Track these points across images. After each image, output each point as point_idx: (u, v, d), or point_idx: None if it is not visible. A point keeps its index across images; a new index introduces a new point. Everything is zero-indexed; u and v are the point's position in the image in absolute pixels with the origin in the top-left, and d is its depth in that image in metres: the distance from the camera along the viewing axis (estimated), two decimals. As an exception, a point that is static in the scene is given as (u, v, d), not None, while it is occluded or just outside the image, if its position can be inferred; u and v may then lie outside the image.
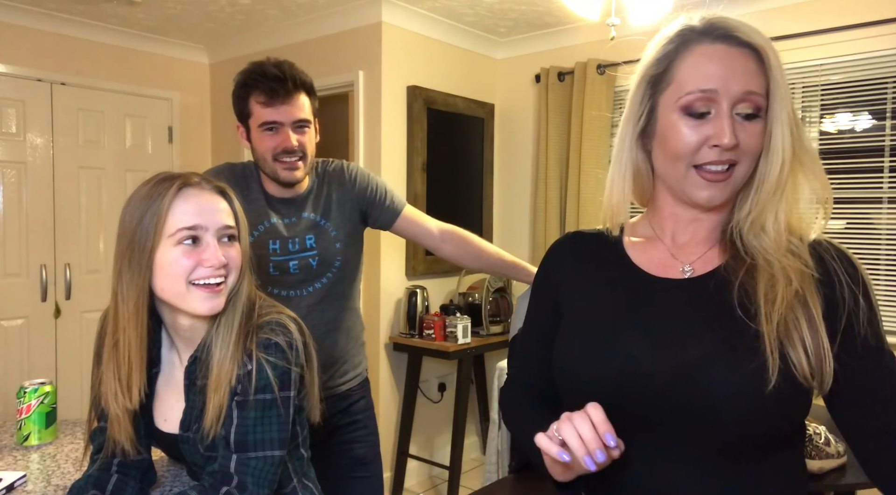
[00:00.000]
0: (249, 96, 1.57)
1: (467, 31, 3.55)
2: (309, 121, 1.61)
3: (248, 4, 3.19)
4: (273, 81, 1.54)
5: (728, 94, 0.79)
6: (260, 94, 1.55)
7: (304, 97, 1.59)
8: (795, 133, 0.81)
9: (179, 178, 1.05)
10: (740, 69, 0.79)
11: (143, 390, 1.07)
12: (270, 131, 1.57)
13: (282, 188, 1.64)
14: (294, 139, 1.56)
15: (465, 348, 3.12)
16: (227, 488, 1.00)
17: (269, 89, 1.54)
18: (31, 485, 1.25)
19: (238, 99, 1.61)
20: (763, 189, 0.83)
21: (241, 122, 1.63)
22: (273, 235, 1.63)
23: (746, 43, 0.80)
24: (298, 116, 1.57)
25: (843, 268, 0.80)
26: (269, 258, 1.61)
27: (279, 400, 1.05)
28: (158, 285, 1.03)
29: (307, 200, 1.68)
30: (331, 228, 1.68)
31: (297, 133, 1.58)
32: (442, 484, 3.42)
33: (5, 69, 3.20)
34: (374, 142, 3.25)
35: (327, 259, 1.67)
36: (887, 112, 2.66)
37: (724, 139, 0.79)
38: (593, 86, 3.29)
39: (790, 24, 2.78)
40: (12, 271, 3.25)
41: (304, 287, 1.66)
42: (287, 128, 1.56)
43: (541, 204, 3.52)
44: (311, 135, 1.62)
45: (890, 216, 2.67)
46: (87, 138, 3.50)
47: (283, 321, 1.09)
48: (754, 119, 0.80)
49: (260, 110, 1.56)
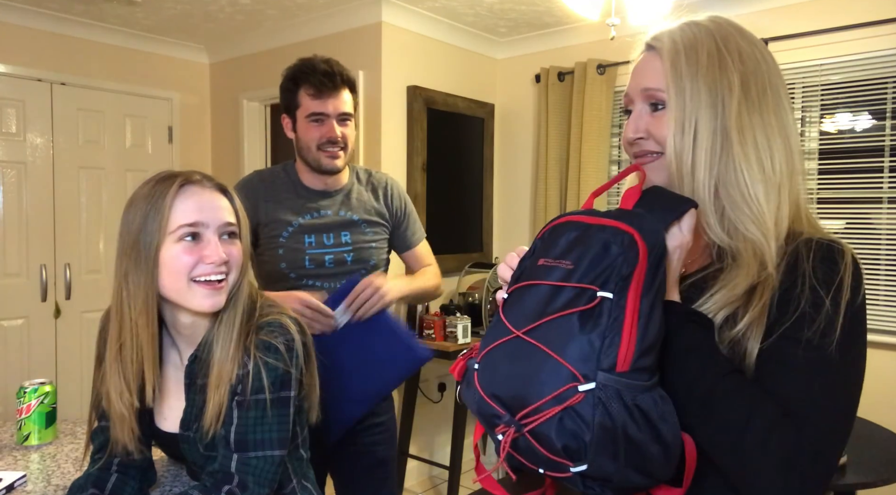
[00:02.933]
0: (299, 88, 1.68)
1: (467, 31, 3.55)
2: (351, 114, 1.72)
3: (248, 4, 3.19)
4: (323, 75, 1.65)
5: (635, 93, 0.87)
6: (310, 87, 1.66)
7: (348, 92, 1.71)
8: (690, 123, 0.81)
9: (180, 176, 1.05)
10: (646, 70, 0.86)
11: (156, 388, 1.07)
12: (317, 122, 1.67)
13: (321, 178, 1.73)
14: (338, 130, 1.68)
15: (465, 348, 3.11)
16: (228, 487, 1.00)
17: (319, 82, 1.65)
18: (31, 485, 1.25)
19: (286, 91, 1.71)
20: (673, 182, 0.84)
21: (287, 113, 1.74)
22: (307, 230, 1.71)
23: (653, 46, 0.86)
24: (343, 109, 1.69)
25: (812, 270, 0.75)
26: (304, 252, 1.70)
27: (279, 401, 1.05)
28: (162, 283, 1.03)
29: (345, 196, 1.77)
30: (365, 227, 1.76)
31: (341, 125, 1.69)
32: (442, 484, 3.42)
33: (5, 69, 3.20)
34: (375, 142, 3.25)
35: (363, 256, 1.74)
36: (887, 112, 2.66)
37: (628, 133, 0.87)
38: (593, 86, 3.29)
39: (790, 24, 2.78)
40: (12, 271, 3.25)
41: (340, 281, 1.69)
42: (332, 120, 1.68)
43: (541, 204, 3.52)
44: (352, 129, 1.73)
45: (890, 216, 2.67)
46: (87, 138, 3.50)
47: (283, 321, 1.09)
48: (661, 110, 0.84)
49: (309, 102, 1.67)
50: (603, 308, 0.65)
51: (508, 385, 0.69)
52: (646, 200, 0.77)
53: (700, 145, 0.81)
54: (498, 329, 0.73)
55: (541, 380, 0.65)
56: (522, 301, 0.72)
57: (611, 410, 0.63)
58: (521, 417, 0.66)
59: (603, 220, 0.71)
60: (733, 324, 0.77)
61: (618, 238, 0.68)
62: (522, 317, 0.70)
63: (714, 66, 0.81)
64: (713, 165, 0.81)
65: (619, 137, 3.39)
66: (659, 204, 0.76)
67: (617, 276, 0.66)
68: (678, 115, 0.82)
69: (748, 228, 0.80)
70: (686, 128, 0.81)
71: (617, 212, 0.72)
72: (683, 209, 0.75)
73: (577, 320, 0.65)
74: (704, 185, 0.81)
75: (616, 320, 0.65)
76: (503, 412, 0.68)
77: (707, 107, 0.81)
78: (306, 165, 1.73)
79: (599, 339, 0.64)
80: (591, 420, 0.63)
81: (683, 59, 0.82)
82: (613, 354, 0.64)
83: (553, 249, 0.73)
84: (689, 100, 0.81)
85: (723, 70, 0.81)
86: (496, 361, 0.71)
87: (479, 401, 0.71)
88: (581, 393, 0.63)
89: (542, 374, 0.65)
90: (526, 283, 0.73)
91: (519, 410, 0.66)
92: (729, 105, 0.80)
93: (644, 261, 0.66)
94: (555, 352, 0.65)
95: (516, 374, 0.68)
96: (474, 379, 0.73)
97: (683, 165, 0.82)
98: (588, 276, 0.67)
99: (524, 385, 0.67)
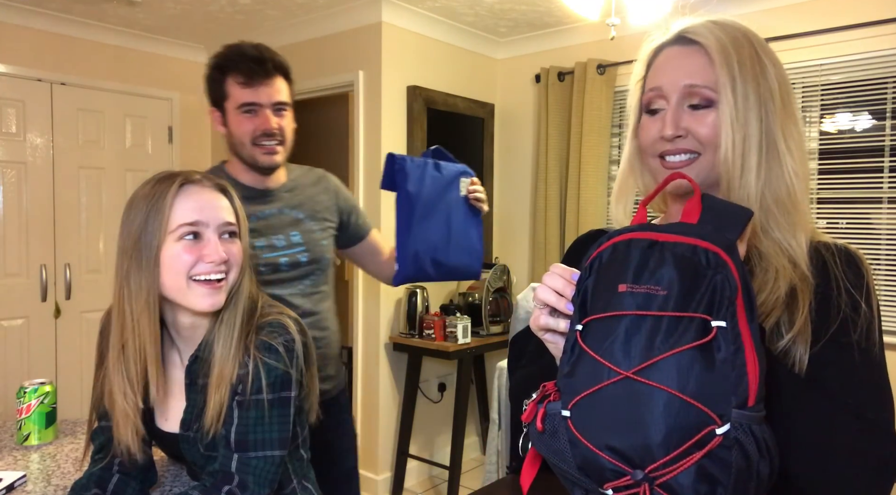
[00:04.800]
0: (226, 77, 1.52)
1: (467, 31, 3.55)
2: (288, 104, 1.57)
3: (248, 4, 3.19)
4: (252, 62, 1.50)
5: (673, 89, 0.83)
6: (238, 75, 1.50)
7: (282, 80, 1.55)
8: (741, 126, 0.80)
9: (180, 176, 1.06)
10: (690, 65, 0.82)
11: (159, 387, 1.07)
12: (249, 113, 1.52)
13: (259, 176, 1.59)
14: (274, 122, 1.53)
15: (465, 348, 3.12)
16: (228, 487, 1.01)
17: (249, 69, 1.50)
18: (31, 485, 1.25)
19: (212, 81, 1.55)
20: (721, 186, 0.82)
21: (215, 106, 1.57)
22: (255, 234, 1.54)
23: (694, 41, 0.83)
24: (278, 98, 1.53)
25: (843, 275, 0.78)
26: (258, 258, 1.56)
27: (279, 401, 1.05)
28: (163, 282, 1.03)
29: (288, 194, 1.63)
30: (314, 224, 1.65)
31: (277, 116, 1.54)
32: (442, 484, 3.42)
33: (5, 69, 3.20)
34: (374, 143, 3.25)
35: (316, 255, 1.64)
36: (887, 112, 2.66)
37: (666, 130, 0.82)
38: (593, 86, 3.29)
39: (790, 24, 2.78)
40: (12, 271, 3.25)
41: (298, 285, 1.62)
42: (267, 110, 1.52)
43: (541, 204, 3.52)
44: (289, 120, 1.58)
45: (890, 216, 2.67)
46: (87, 138, 3.50)
47: (283, 322, 1.09)
48: (703, 109, 0.82)
49: (239, 91, 1.51)
50: (720, 338, 0.59)
51: (627, 434, 0.59)
52: (709, 212, 0.69)
53: (751, 149, 0.80)
54: (591, 368, 0.63)
55: (669, 426, 0.57)
56: (615, 334, 0.62)
57: (747, 450, 0.57)
58: (653, 470, 0.58)
59: (674, 237, 0.63)
60: (782, 333, 0.76)
61: (702, 256, 0.61)
62: (624, 354, 0.61)
63: (756, 70, 0.81)
64: (761, 170, 0.80)
65: (619, 137, 3.39)
66: (723, 215, 0.68)
67: (725, 301, 0.59)
68: (733, 115, 0.80)
69: (795, 234, 0.80)
70: (738, 130, 0.80)
71: (681, 227, 0.65)
72: (746, 219, 0.68)
73: (698, 354, 0.58)
74: (754, 190, 0.80)
75: (738, 351, 0.59)
76: (626, 467, 0.59)
77: (755, 110, 0.80)
78: (242, 163, 1.57)
79: (728, 374, 0.58)
80: (731, 462, 0.57)
81: (735, 58, 0.80)
82: (744, 389, 0.58)
83: (628, 272, 0.64)
84: (741, 100, 0.80)
85: (764, 74, 0.81)
86: (602, 407, 0.61)
87: (586, 455, 0.61)
88: (719, 436, 0.57)
89: (670, 419, 0.57)
90: (612, 314, 0.63)
91: (644, 462, 0.58)
92: (772, 110, 0.80)
93: (738, 280, 0.60)
94: (681, 392, 0.58)
95: (634, 421, 0.59)
96: (569, 428, 0.63)
97: (735, 168, 0.80)
98: (690, 303, 0.60)
99: (647, 433, 0.58)
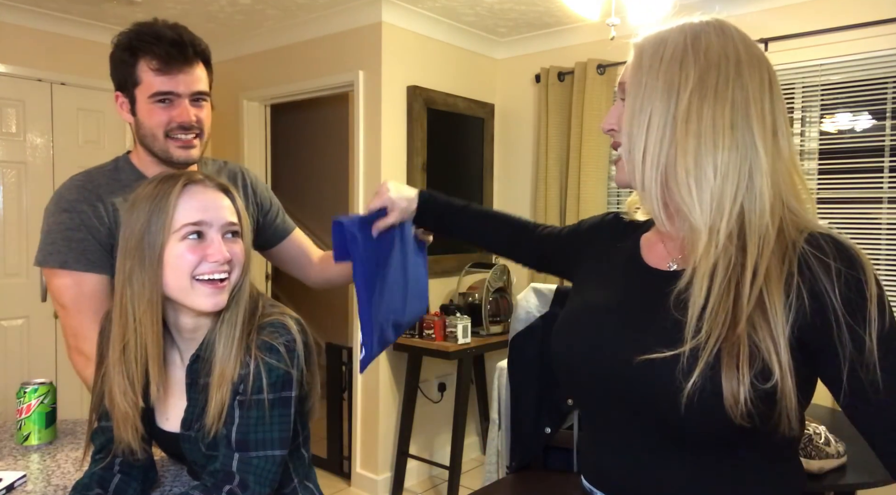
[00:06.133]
0: (138, 60, 1.34)
1: (467, 31, 3.55)
2: (207, 94, 1.43)
3: (248, 4, 3.19)
4: (170, 45, 1.32)
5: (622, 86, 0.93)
6: (153, 60, 1.33)
7: (202, 67, 1.40)
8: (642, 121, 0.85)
9: (183, 176, 1.06)
10: (626, 66, 0.92)
11: (160, 386, 1.07)
12: (163, 103, 1.36)
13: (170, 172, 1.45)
14: (192, 113, 1.38)
15: (465, 348, 3.12)
16: (229, 487, 1.01)
17: (166, 54, 1.32)
18: (31, 485, 1.25)
19: (121, 63, 1.37)
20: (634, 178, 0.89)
21: (122, 91, 1.41)
22: None
23: None
24: (197, 88, 1.38)
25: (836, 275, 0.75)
26: None
27: (280, 401, 1.05)
28: (166, 282, 1.03)
29: None
30: None
31: (195, 107, 1.39)
32: (442, 484, 3.42)
33: (5, 69, 3.20)
34: (374, 143, 3.25)
35: None
36: (887, 112, 2.66)
37: (602, 124, 0.95)
38: (593, 86, 3.29)
39: (790, 24, 2.78)
40: (12, 271, 3.25)
41: None
42: (184, 101, 1.37)
43: (541, 204, 3.52)
44: (208, 111, 1.44)
45: (890, 216, 2.67)
46: (87, 138, 3.50)
47: (284, 322, 1.09)
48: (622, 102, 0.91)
49: (152, 78, 1.34)
50: None
51: None
52: None
53: (651, 135, 0.84)
54: None
55: None
56: None
57: None
58: None
59: None
60: None
61: None
62: None
63: (675, 61, 0.84)
64: (660, 154, 0.84)
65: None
66: None
67: None
68: (632, 106, 0.86)
69: (691, 214, 0.83)
70: (640, 119, 0.85)
71: None
72: None
73: None
74: (651, 174, 0.85)
75: None
76: None
77: (662, 100, 0.84)
78: (151, 157, 1.42)
79: None
80: None
81: (648, 54, 0.86)
82: None
83: None
84: (644, 92, 0.85)
85: (683, 65, 0.83)
86: None
87: None
88: None
89: None
90: None
91: None
92: (682, 97, 0.83)
93: None
94: None
95: None
96: None
97: (635, 154, 0.86)
98: None
99: None
